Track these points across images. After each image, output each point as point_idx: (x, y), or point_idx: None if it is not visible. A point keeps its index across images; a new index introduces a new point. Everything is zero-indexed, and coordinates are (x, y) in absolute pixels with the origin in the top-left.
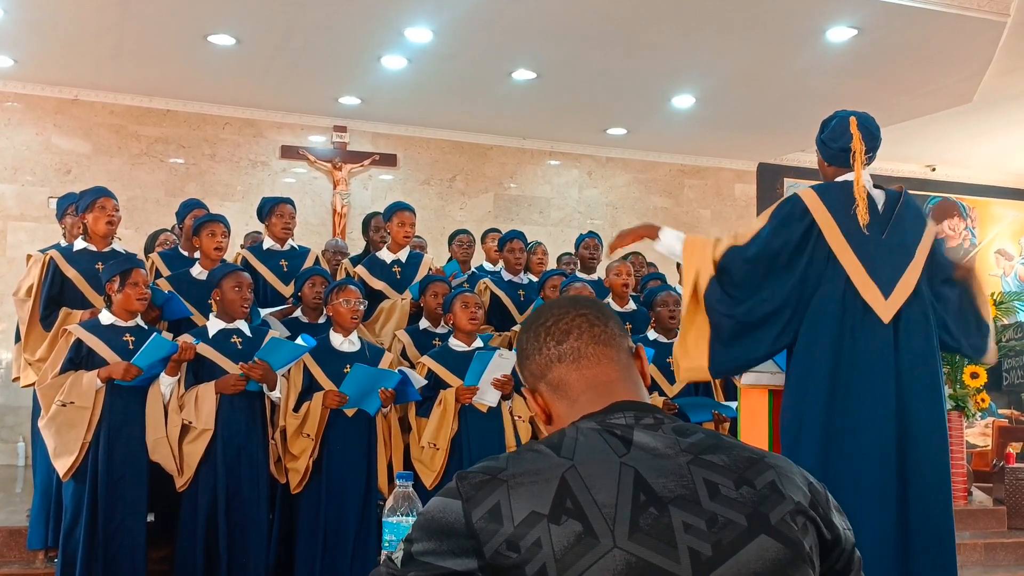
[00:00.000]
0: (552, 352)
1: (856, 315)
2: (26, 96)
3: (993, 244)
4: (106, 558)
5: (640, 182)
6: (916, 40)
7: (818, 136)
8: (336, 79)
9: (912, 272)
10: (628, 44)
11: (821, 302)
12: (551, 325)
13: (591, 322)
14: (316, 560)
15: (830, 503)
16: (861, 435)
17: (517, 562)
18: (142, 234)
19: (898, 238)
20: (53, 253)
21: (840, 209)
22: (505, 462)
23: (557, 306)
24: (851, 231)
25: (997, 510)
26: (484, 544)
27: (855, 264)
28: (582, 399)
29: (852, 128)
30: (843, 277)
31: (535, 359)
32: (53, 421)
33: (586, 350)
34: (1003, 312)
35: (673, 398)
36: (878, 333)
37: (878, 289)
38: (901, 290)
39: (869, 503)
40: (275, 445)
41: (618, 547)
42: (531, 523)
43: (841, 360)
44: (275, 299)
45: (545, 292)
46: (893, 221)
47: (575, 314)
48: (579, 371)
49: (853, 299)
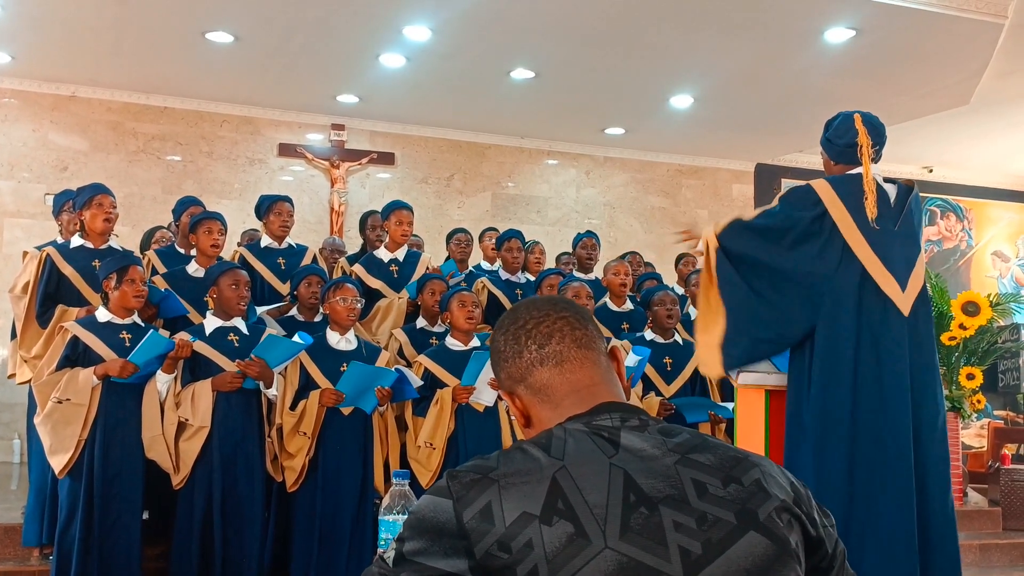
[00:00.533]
0: (534, 355)
1: (875, 308)
2: (23, 92)
3: (990, 246)
4: (101, 555)
5: (638, 182)
6: (914, 41)
7: (823, 136)
8: (334, 77)
9: (921, 264)
10: (627, 44)
11: (837, 296)
12: (531, 328)
13: (572, 325)
14: (312, 558)
15: (812, 502)
16: (885, 429)
17: (508, 563)
18: (139, 231)
19: (908, 229)
20: (50, 250)
21: (853, 201)
22: (496, 461)
23: (535, 307)
24: (864, 223)
25: (992, 511)
26: (475, 544)
27: (871, 257)
28: (566, 402)
29: (857, 124)
30: (859, 270)
31: (515, 362)
32: (49, 418)
33: (569, 353)
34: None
35: (670, 398)
36: (896, 325)
37: (896, 282)
38: (915, 282)
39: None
40: (271, 443)
41: (609, 547)
42: (523, 524)
43: (861, 354)
44: (272, 297)
45: (542, 291)
46: (904, 213)
47: (556, 316)
48: (562, 375)
49: (871, 292)
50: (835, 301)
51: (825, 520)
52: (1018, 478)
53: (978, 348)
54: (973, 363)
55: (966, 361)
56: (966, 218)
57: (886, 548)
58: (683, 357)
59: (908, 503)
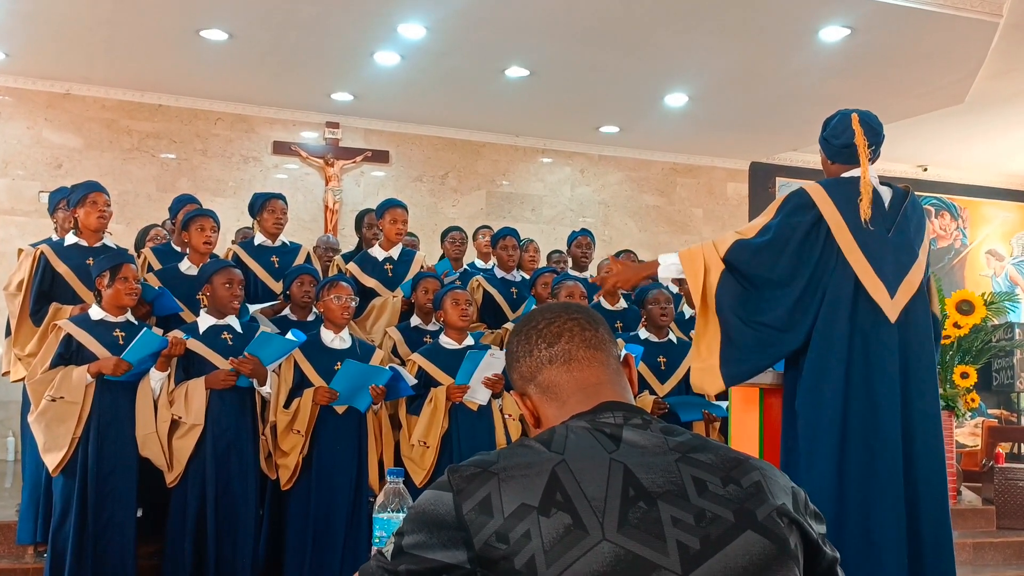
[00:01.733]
0: (543, 354)
1: (866, 314)
2: (17, 90)
3: (984, 245)
4: (95, 553)
5: (632, 180)
6: (909, 40)
7: (821, 135)
8: (329, 75)
9: (916, 271)
10: (622, 43)
11: (832, 302)
12: (542, 328)
13: (582, 326)
14: (305, 556)
15: (809, 509)
16: (872, 434)
17: (506, 553)
18: (133, 229)
19: (903, 236)
20: (44, 248)
21: (846, 205)
22: (496, 456)
23: (548, 310)
24: (858, 228)
25: (986, 510)
26: (474, 536)
27: (862, 262)
28: (571, 401)
29: (854, 124)
30: (852, 276)
31: (525, 362)
32: (43, 416)
33: (577, 353)
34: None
35: (664, 397)
36: (885, 332)
37: (884, 288)
38: (905, 289)
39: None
40: (265, 441)
41: (607, 539)
42: (521, 515)
43: (853, 359)
44: (266, 295)
45: (536, 289)
46: (900, 219)
47: (566, 318)
48: (569, 373)
49: (863, 298)
50: (831, 306)
51: (820, 527)
52: (1012, 477)
53: (972, 347)
54: (967, 362)
55: (960, 360)
56: (960, 217)
57: (875, 556)
58: (677, 356)
59: (897, 510)
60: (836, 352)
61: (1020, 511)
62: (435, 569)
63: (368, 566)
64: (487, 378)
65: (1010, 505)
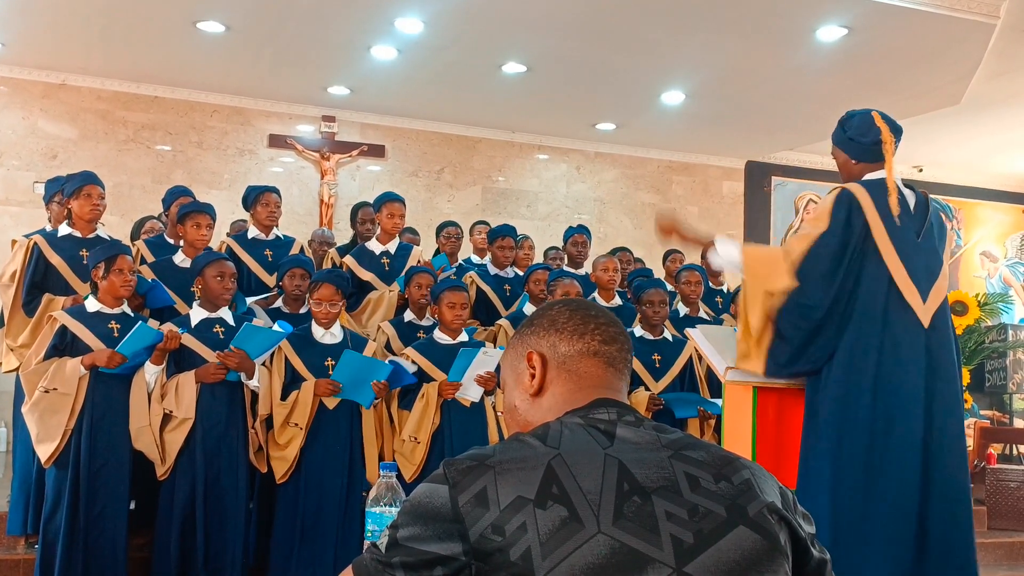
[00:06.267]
0: (594, 345)
1: (898, 316)
2: (13, 80)
3: (978, 246)
4: (86, 545)
5: (628, 178)
6: (906, 41)
7: (842, 135)
8: (325, 69)
9: (943, 279)
10: (619, 40)
11: (865, 301)
12: (602, 323)
13: (626, 347)
14: (292, 550)
15: (798, 510)
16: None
17: (501, 546)
18: (128, 221)
19: (931, 243)
20: (37, 238)
21: (881, 207)
22: (492, 450)
23: (604, 313)
24: (893, 230)
25: (978, 510)
26: (469, 528)
27: (898, 265)
28: (580, 394)
29: (878, 121)
30: (886, 277)
31: (569, 338)
32: (36, 407)
33: (619, 364)
34: (987, 314)
35: (659, 394)
36: (916, 336)
37: (918, 292)
38: (935, 295)
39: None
40: (255, 434)
41: (602, 532)
42: (517, 507)
43: (883, 359)
44: (259, 288)
45: (530, 286)
46: (927, 226)
47: (619, 331)
48: (601, 372)
49: (896, 299)
50: (864, 307)
51: (810, 528)
52: (1004, 477)
53: (965, 348)
54: (960, 363)
55: None
56: (955, 218)
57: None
58: (672, 353)
59: (908, 516)
60: (868, 354)
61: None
62: (430, 561)
63: (362, 559)
64: (480, 376)
65: (1001, 506)
